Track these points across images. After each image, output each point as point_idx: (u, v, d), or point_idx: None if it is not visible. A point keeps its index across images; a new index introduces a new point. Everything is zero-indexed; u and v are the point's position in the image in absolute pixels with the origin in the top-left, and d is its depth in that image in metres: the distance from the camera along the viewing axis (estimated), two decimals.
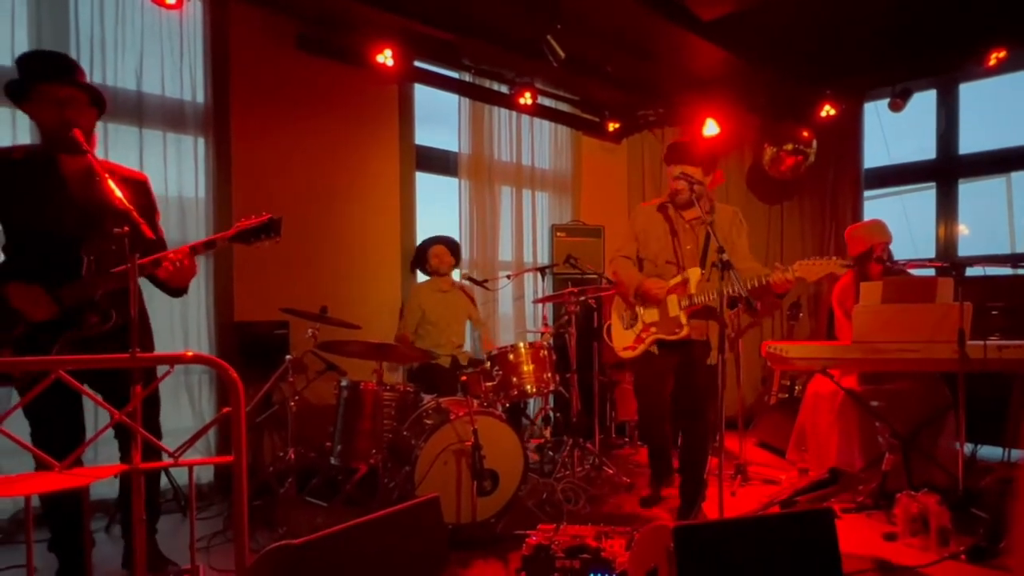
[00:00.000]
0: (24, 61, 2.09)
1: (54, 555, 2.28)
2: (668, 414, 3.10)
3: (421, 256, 4.26)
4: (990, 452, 3.60)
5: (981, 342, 2.78)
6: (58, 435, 2.10)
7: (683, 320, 2.84)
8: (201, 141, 3.59)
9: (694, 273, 2.84)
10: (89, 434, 2.27)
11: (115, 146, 3.25)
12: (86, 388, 1.57)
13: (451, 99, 4.72)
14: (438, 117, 4.77)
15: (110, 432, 2.25)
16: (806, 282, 2.64)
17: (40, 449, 2.04)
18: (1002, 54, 4.13)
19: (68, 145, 2.03)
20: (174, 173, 3.47)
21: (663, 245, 2.93)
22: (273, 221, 2.14)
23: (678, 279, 2.87)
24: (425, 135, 4.65)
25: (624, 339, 3.08)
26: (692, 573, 1.69)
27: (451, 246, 4.20)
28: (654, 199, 3.15)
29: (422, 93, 4.60)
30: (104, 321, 1.91)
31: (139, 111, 3.32)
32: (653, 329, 2.93)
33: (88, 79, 2.23)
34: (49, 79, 2.04)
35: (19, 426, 2.84)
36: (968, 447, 3.54)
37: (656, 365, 2.98)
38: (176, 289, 2.25)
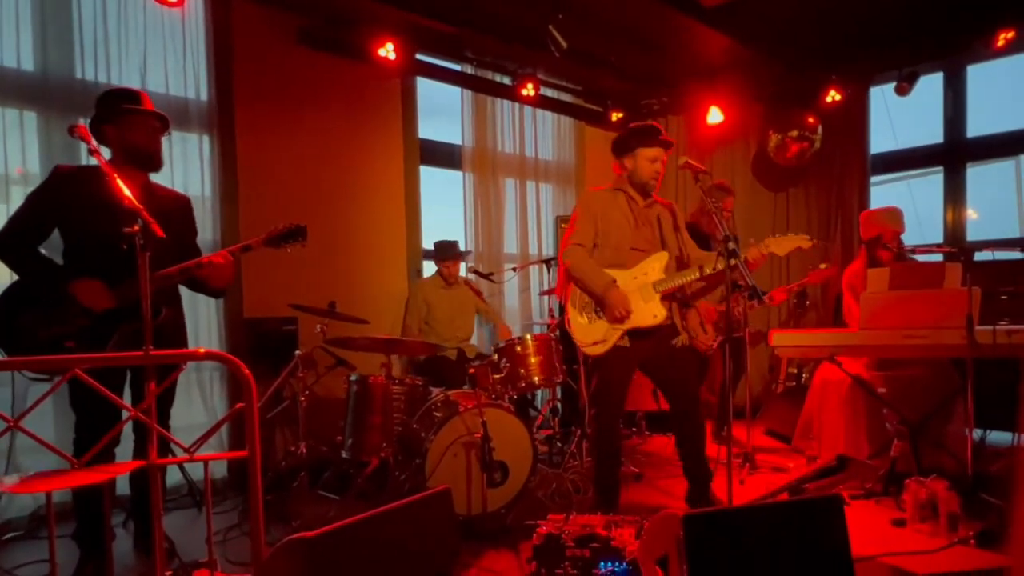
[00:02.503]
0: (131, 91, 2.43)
1: (76, 546, 2.34)
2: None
3: (435, 257, 4.28)
4: (999, 437, 3.59)
5: (990, 327, 2.77)
6: (99, 427, 2.17)
7: (659, 305, 2.74)
8: (206, 139, 3.61)
9: (661, 257, 2.77)
10: (129, 427, 2.37)
11: None
12: (98, 384, 1.60)
13: (454, 92, 4.72)
14: (441, 110, 4.78)
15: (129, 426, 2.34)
16: (777, 256, 2.75)
17: (82, 439, 2.24)
18: (1010, 34, 4.06)
19: (148, 163, 2.36)
20: (180, 171, 3.48)
21: (625, 232, 2.80)
22: (300, 228, 2.36)
23: (648, 264, 2.78)
24: (428, 129, 4.66)
25: (592, 332, 2.76)
26: (702, 561, 1.70)
27: (463, 260, 4.29)
28: (604, 184, 2.98)
29: (424, 86, 4.59)
30: (155, 315, 2.08)
31: None
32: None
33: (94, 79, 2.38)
34: (151, 112, 2.38)
35: (42, 423, 2.91)
36: (977, 432, 3.52)
37: (627, 359, 2.77)
38: (216, 290, 2.45)
